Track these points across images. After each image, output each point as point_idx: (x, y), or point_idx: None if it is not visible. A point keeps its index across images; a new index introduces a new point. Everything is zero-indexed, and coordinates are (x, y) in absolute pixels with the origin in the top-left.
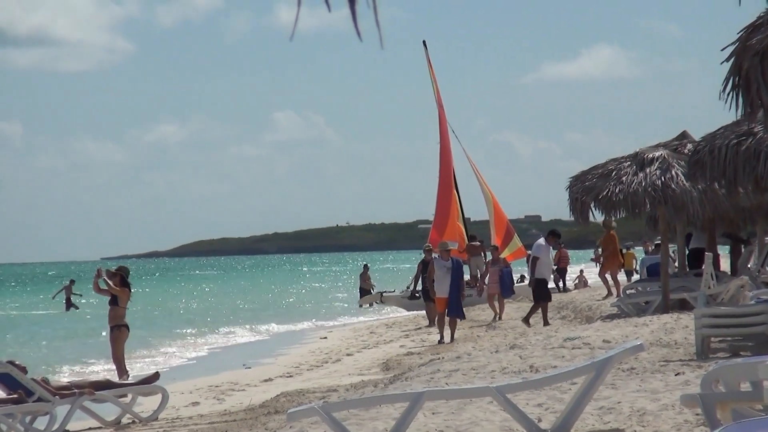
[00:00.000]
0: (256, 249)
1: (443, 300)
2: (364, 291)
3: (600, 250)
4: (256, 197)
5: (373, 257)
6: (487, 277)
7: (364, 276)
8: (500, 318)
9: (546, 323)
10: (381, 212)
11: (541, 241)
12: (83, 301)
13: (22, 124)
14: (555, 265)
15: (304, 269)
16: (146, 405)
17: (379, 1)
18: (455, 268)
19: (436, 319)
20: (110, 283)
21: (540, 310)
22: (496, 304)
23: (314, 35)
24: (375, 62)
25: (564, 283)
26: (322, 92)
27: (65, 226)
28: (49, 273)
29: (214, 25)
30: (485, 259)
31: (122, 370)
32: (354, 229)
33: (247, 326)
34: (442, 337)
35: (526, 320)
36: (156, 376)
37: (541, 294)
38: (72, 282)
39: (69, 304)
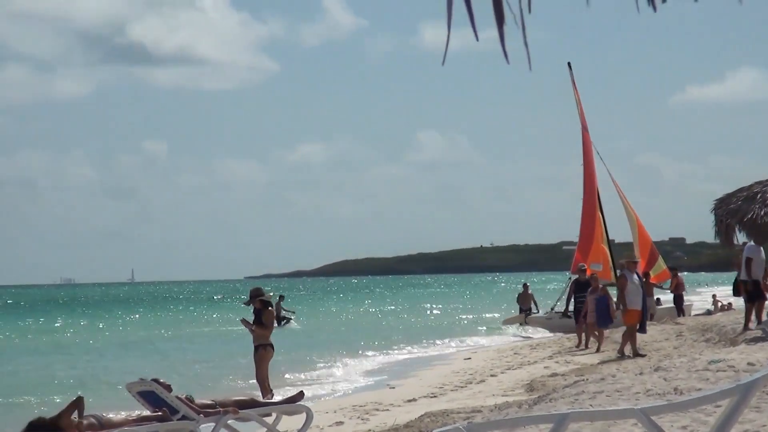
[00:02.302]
0: (399, 269)
1: (636, 312)
2: (524, 310)
3: None
4: (400, 218)
5: (516, 278)
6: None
7: (524, 295)
8: (598, 350)
9: (759, 321)
10: (525, 233)
11: (752, 243)
12: (293, 316)
13: (167, 143)
14: (671, 291)
15: (448, 289)
16: (290, 424)
17: (526, 22)
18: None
19: (625, 332)
20: (250, 326)
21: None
22: (596, 333)
23: (458, 56)
24: (518, 83)
25: (682, 311)
26: (466, 112)
27: (209, 245)
28: (206, 290)
29: (358, 45)
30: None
31: (266, 389)
32: (498, 250)
33: (393, 346)
34: (633, 351)
35: (758, 321)
36: (300, 395)
37: (757, 293)
38: (281, 298)
39: (280, 320)
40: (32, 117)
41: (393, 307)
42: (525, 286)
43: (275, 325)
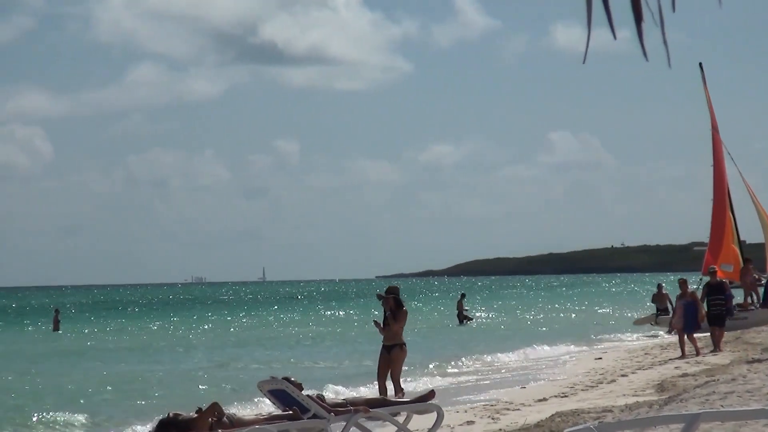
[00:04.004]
0: (530, 269)
1: None
2: (660, 310)
3: None
4: (531, 218)
5: (647, 279)
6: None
7: (659, 295)
8: (697, 354)
9: None
10: (656, 234)
11: None
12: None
13: (298, 142)
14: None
15: (579, 290)
16: (421, 423)
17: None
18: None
19: None
20: (380, 326)
21: None
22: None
23: (589, 56)
24: (650, 84)
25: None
26: (597, 113)
27: (341, 245)
28: (336, 289)
29: (491, 46)
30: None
31: (398, 389)
32: (628, 250)
33: (524, 346)
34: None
35: None
36: (431, 394)
37: None
38: (463, 296)
39: (462, 318)
40: (164, 116)
41: (522, 307)
42: (659, 286)
43: (457, 322)
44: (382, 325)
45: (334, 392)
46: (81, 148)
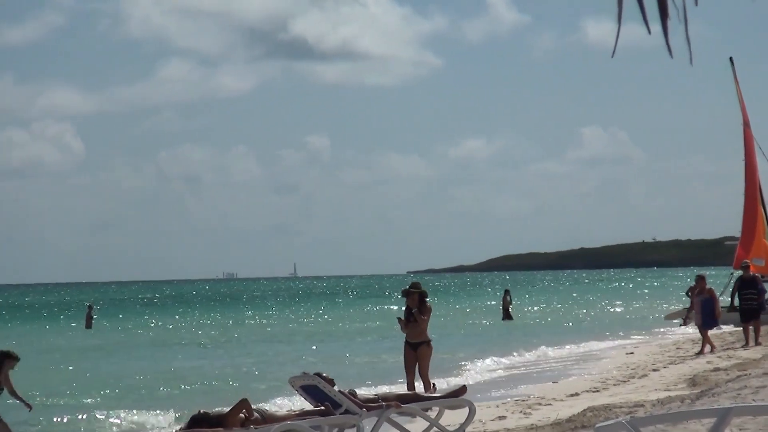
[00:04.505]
0: (561, 264)
1: None
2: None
3: None
4: (562, 213)
5: (680, 275)
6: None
7: (696, 288)
8: (712, 350)
9: None
10: (687, 229)
11: None
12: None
13: (329, 138)
14: None
15: (610, 285)
16: (453, 419)
17: (689, 16)
18: None
19: None
20: (403, 322)
21: None
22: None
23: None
24: (680, 78)
25: None
26: (627, 108)
27: (372, 240)
28: (369, 284)
29: (521, 41)
30: None
31: (428, 385)
32: (660, 245)
33: (556, 341)
34: None
35: None
36: (463, 389)
37: None
38: (507, 292)
39: (507, 314)
40: (195, 112)
41: (555, 303)
42: (698, 278)
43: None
44: (405, 322)
45: (367, 388)
46: (112, 144)
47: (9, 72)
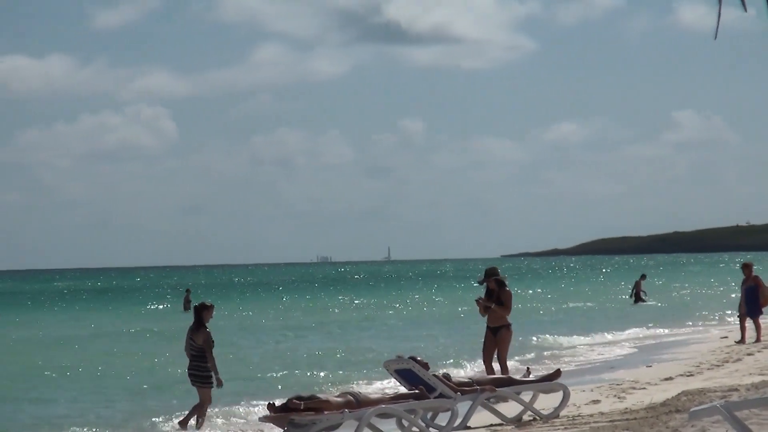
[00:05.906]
0: (655, 248)
1: None
2: None
3: None
4: (655, 197)
5: None
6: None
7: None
8: (758, 339)
9: None
10: None
11: None
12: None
13: (423, 121)
14: None
15: (704, 268)
16: (547, 402)
17: None
18: None
19: None
20: (481, 305)
21: None
22: (749, 325)
23: (712, 34)
24: None
25: None
26: (721, 91)
27: (466, 224)
28: (465, 268)
29: (615, 24)
30: None
31: (505, 370)
32: (754, 229)
33: (650, 324)
34: None
35: None
36: (558, 373)
37: None
38: (643, 277)
39: (638, 298)
40: (289, 96)
41: (655, 285)
42: None
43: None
44: (485, 307)
45: (459, 371)
46: (205, 128)
47: (104, 55)
